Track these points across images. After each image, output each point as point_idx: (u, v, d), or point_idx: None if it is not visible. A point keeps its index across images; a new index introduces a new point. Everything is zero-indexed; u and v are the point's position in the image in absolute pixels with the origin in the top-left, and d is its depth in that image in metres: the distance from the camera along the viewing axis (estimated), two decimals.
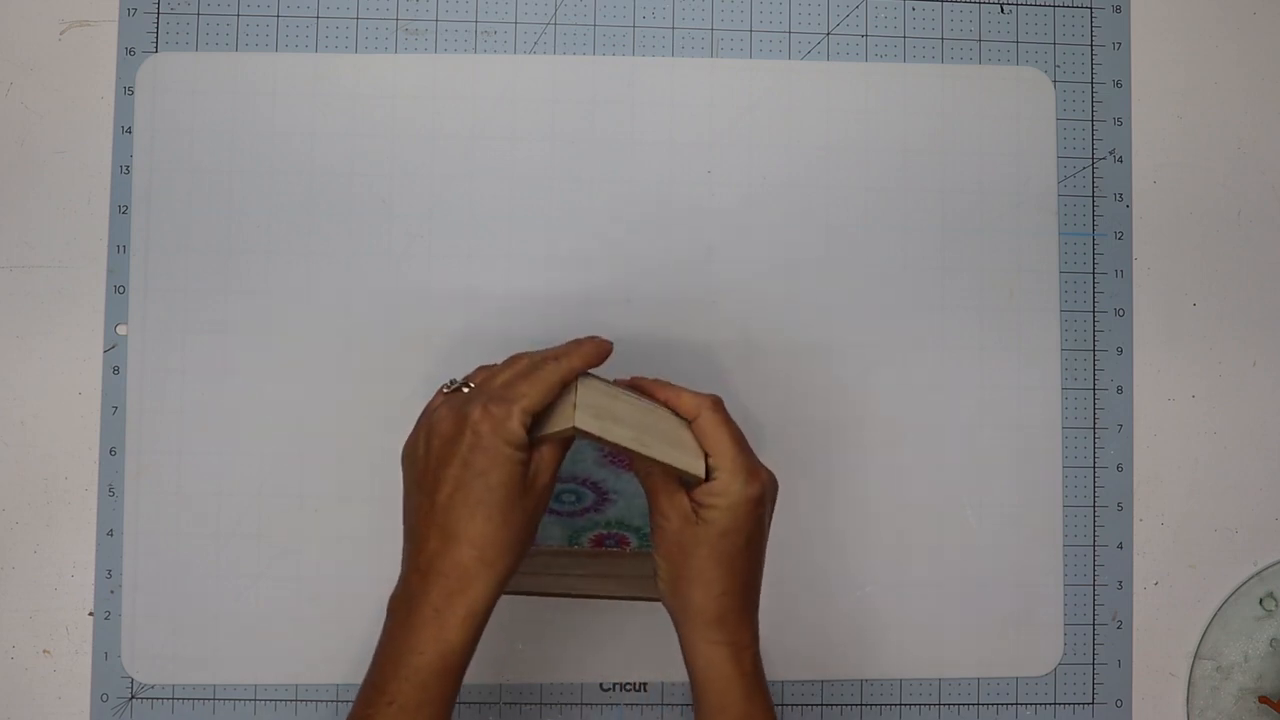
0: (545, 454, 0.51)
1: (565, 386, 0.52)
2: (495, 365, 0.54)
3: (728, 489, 0.52)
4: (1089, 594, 0.66)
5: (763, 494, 0.52)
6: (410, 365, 0.64)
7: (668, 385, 0.55)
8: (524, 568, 0.56)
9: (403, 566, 0.51)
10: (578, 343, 0.54)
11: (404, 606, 0.50)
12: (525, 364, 0.52)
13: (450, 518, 0.49)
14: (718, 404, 0.54)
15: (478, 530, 0.49)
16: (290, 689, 0.63)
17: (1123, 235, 0.67)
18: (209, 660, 0.63)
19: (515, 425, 0.49)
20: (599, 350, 0.54)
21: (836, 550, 0.65)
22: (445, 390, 0.53)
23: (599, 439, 0.50)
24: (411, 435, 0.53)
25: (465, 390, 0.53)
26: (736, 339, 0.65)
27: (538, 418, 0.51)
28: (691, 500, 0.52)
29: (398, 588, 0.51)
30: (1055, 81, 0.67)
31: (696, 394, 0.54)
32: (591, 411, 0.51)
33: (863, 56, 0.66)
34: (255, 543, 0.63)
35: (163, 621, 0.63)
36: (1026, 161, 0.67)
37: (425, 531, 0.49)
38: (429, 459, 0.50)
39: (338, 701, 0.63)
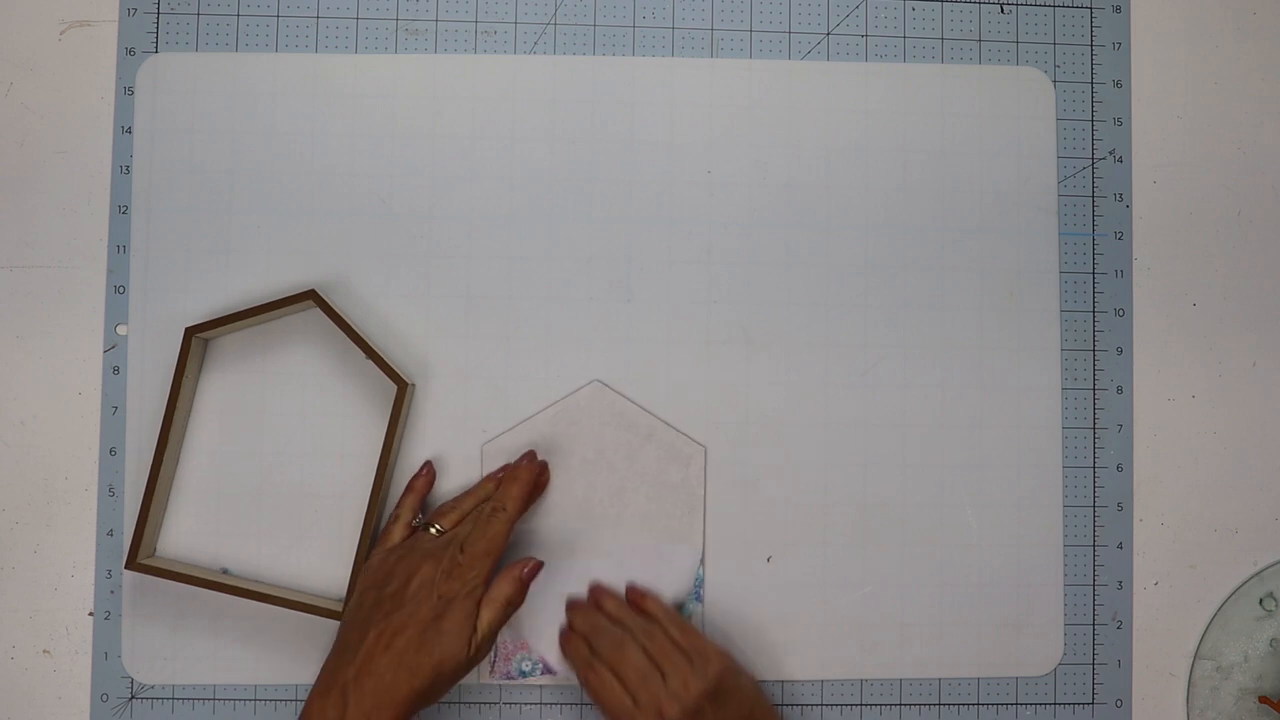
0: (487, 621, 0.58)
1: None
2: (458, 509, 0.61)
3: None
4: (1089, 594, 0.66)
5: None
6: (410, 365, 0.64)
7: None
8: None
9: (331, 670, 0.55)
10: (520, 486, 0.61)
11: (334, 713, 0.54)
12: (495, 530, 0.59)
13: (384, 665, 0.55)
14: (584, 675, 0.59)
15: (404, 690, 0.54)
16: (290, 689, 0.63)
17: (1123, 235, 0.67)
18: (209, 660, 0.63)
19: (483, 625, 0.57)
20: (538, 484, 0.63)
21: (837, 550, 0.65)
22: (415, 526, 0.61)
23: None
24: (378, 563, 0.59)
25: (434, 532, 0.59)
26: (736, 339, 0.65)
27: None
28: None
29: (323, 693, 0.55)
30: (1055, 81, 0.67)
31: (576, 658, 0.60)
32: None
33: (863, 56, 0.66)
34: (255, 542, 0.63)
35: (163, 621, 0.63)
36: (1026, 161, 0.67)
37: (364, 665, 0.55)
38: (386, 602, 0.56)
39: None
